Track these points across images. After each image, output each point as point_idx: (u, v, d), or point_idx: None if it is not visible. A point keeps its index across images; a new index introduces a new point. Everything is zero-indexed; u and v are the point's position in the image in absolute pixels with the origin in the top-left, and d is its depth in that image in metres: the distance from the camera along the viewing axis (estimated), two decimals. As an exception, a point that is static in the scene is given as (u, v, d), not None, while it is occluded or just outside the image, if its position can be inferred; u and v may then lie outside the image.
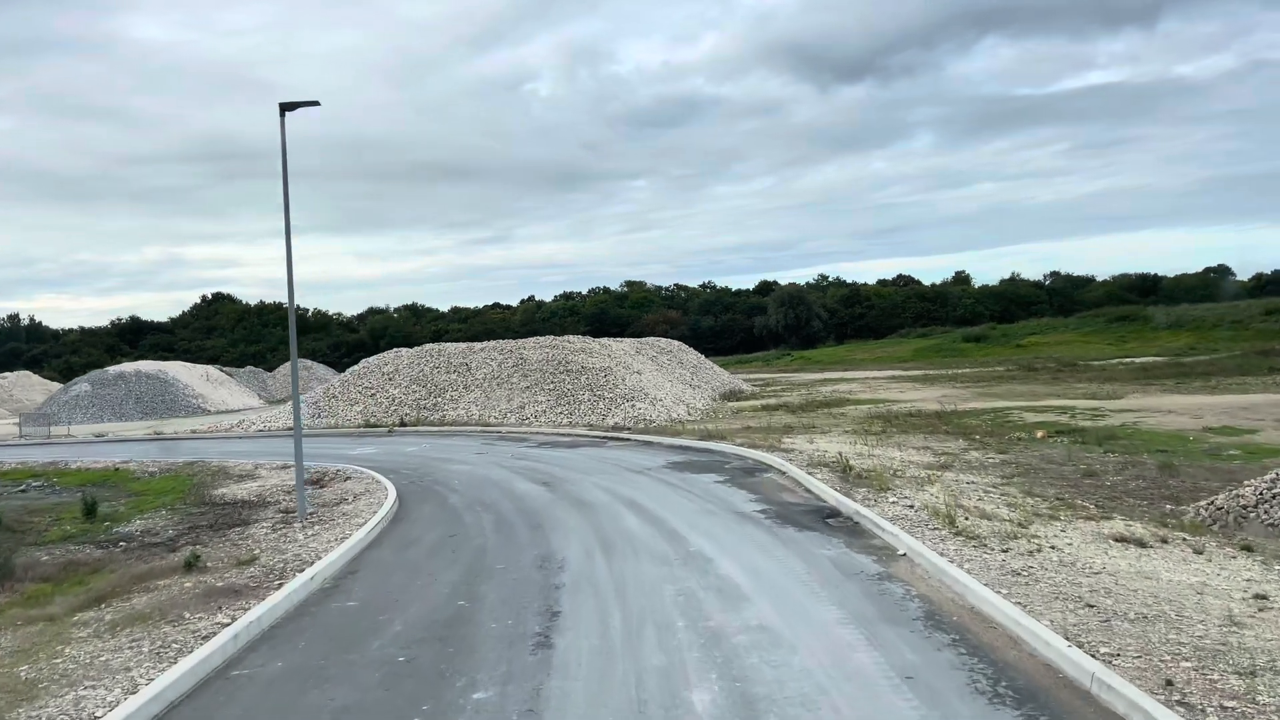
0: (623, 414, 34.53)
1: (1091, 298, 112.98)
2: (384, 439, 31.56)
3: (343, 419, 37.24)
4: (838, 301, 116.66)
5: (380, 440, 31.11)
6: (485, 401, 36.39)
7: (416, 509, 16.91)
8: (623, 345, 47.22)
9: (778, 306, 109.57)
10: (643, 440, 27.77)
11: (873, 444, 24.61)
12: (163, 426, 45.00)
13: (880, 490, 16.22)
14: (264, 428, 37.28)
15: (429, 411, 36.65)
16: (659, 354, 50.15)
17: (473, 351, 39.96)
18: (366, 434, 33.80)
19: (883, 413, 34.47)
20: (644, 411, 34.67)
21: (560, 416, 35.00)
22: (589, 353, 39.38)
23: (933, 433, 27.43)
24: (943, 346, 72.07)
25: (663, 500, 16.81)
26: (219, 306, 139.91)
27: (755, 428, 31.15)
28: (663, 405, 37.39)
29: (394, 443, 29.93)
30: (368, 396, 38.33)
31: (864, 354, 76.20)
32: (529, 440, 29.18)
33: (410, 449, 27.60)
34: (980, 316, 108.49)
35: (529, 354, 38.81)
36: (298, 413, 16.51)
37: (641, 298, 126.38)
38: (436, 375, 38.61)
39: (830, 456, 21.66)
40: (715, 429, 29.99)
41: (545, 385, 36.64)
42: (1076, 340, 66.78)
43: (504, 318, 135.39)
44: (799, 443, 25.48)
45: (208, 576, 11.95)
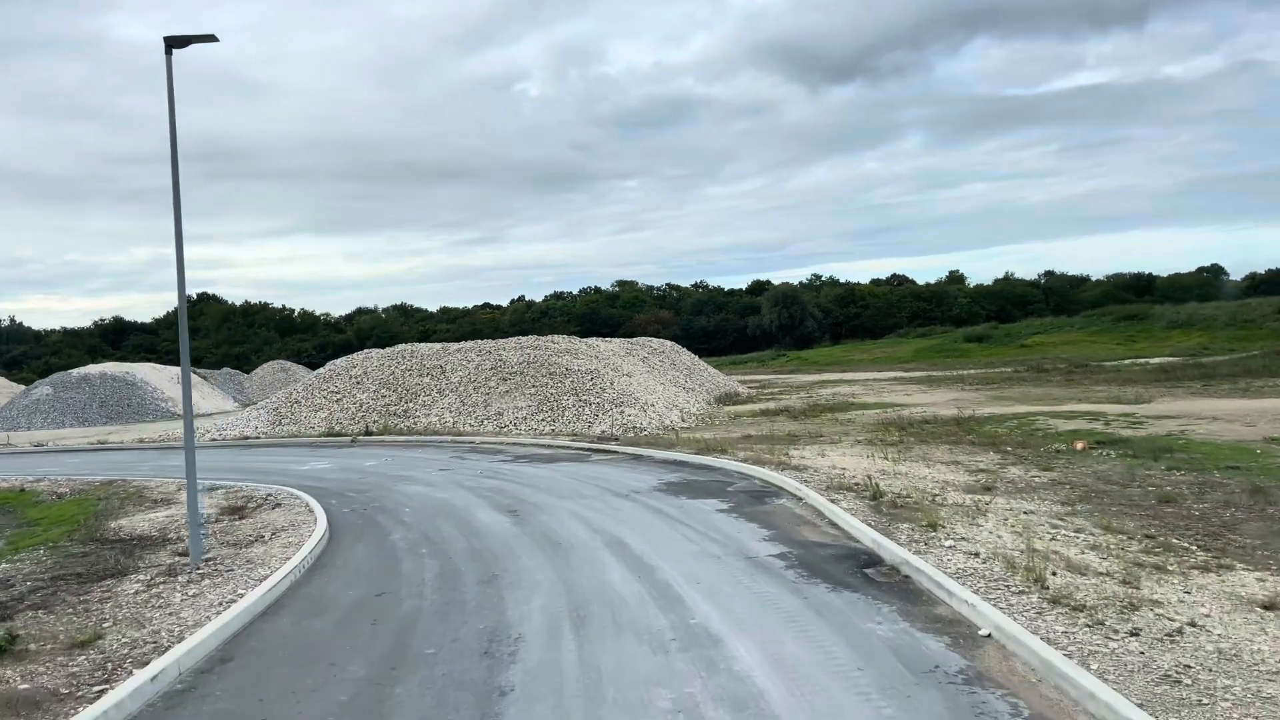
0: (611, 421, 31.07)
1: (1088, 297, 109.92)
2: (344, 450, 28.04)
3: (305, 426, 33.69)
4: (832, 301, 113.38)
5: (339, 452, 27.58)
6: (460, 407, 32.88)
7: (347, 551, 13.41)
8: (611, 346, 43.75)
9: (771, 306, 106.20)
10: (632, 453, 24.29)
11: (893, 457, 21.21)
12: (121, 433, 41.42)
13: (928, 527, 12.76)
14: (218, 436, 33.72)
15: (399, 418, 33.13)
16: (650, 355, 46.68)
17: (447, 353, 36.43)
18: (326, 444, 30.26)
19: (895, 419, 31.09)
20: (634, 418, 31.23)
21: (542, 424, 31.54)
22: (574, 354, 35.91)
23: (957, 443, 24.04)
24: (944, 347, 68.71)
25: (655, 538, 13.35)
26: (203, 307, 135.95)
27: (757, 437, 27.73)
28: (655, 411, 33.93)
29: (353, 455, 26.41)
30: (333, 402, 34.79)
31: (862, 354, 72.83)
32: (504, 453, 25.68)
33: (368, 464, 24.10)
34: (976, 316, 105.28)
35: (508, 355, 35.31)
36: (189, 428, 12.96)
37: (633, 297, 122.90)
38: (408, 379, 35.08)
39: (851, 475, 18.25)
40: (713, 439, 26.55)
41: (525, 389, 33.16)
42: (1083, 340, 63.54)
43: (493, 318, 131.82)
44: (809, 456, 22.07)
45: (20, 667, 8.46)
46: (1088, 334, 65.27)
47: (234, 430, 34.06)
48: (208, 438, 33.67)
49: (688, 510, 15.56)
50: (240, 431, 33.79)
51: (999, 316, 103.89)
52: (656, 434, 29.72)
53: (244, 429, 33.95)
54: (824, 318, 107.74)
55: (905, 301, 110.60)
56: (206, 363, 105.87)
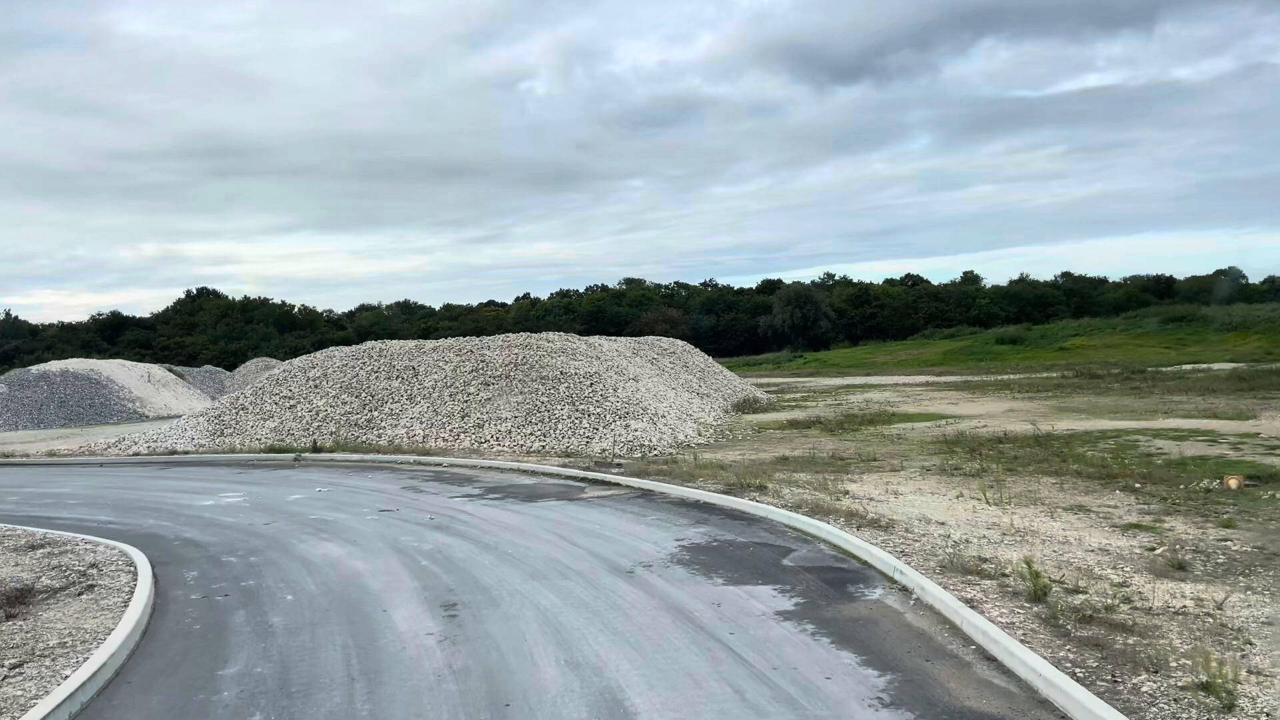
0: (613, 436, 24.88)
1: (1111, 299, 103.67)
2: (278, 474, 21.84)
3: (251, 438, 27.54)
4: (845, 301, 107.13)
5: (270, 476, 21.41)
6: (433, 418, 26.68)
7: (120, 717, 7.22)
8: (615, 345, 37.51)
9: (783, 305, 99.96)
10: (639, 487, 18.04)
11: (991, 498, 15.02)
12: (74, 437, 35.35)
13: (1197, 690, 6.53)
14: (145, 449, 27.55)
15: (361, 430, 26.97)
16: (660, 356, 40.42)
17: (421, 352, 30.22)
18: (263, 464, 24.07)
19: (956, 435, 24.87)
20: (641, 433, 25.03)
21: (530, 438, 25.36)
22: (571, 354, 29.70)
23: (1058, 474, 17.82)
24: (974, 349, 62.39)
25: (682, 690, 7.16)
26: (202, 302, 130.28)
27: (795, 460, 21.53)
28: (665, 423, 27.70)
29: (284, 482, 20.24)
30: (286, 409, 28.61)
31: (885, 356, 66.53)
32: (474, 482, 19.45)
33: (292, 497, 17.91)
34: (995, 317, 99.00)
35: (492, 356, 29.08)
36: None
37: (640, 296, 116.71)
38: (374, 382, 28.89)
39: (959, 534, 12.07)
40: (742, 464, 20.36)
41: (511, 396, 26.95)
42: (1128, 343, 57.24)
43: (498, 315, 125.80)
44: (875, 494, 15.88)
45: None
46: (1132, 336, 58.93)
47: (166, 441, 27.91)
48: (131, 451, 27.50)
49: (729, 612, 9.32)
50: (172, 444, 27.63)
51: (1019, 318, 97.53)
52: (669, 454, 23.50)
53: (177, 440, 27.79)
54: (838, 318, 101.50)
55: (922, 302, 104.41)
56: (202, 359, 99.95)
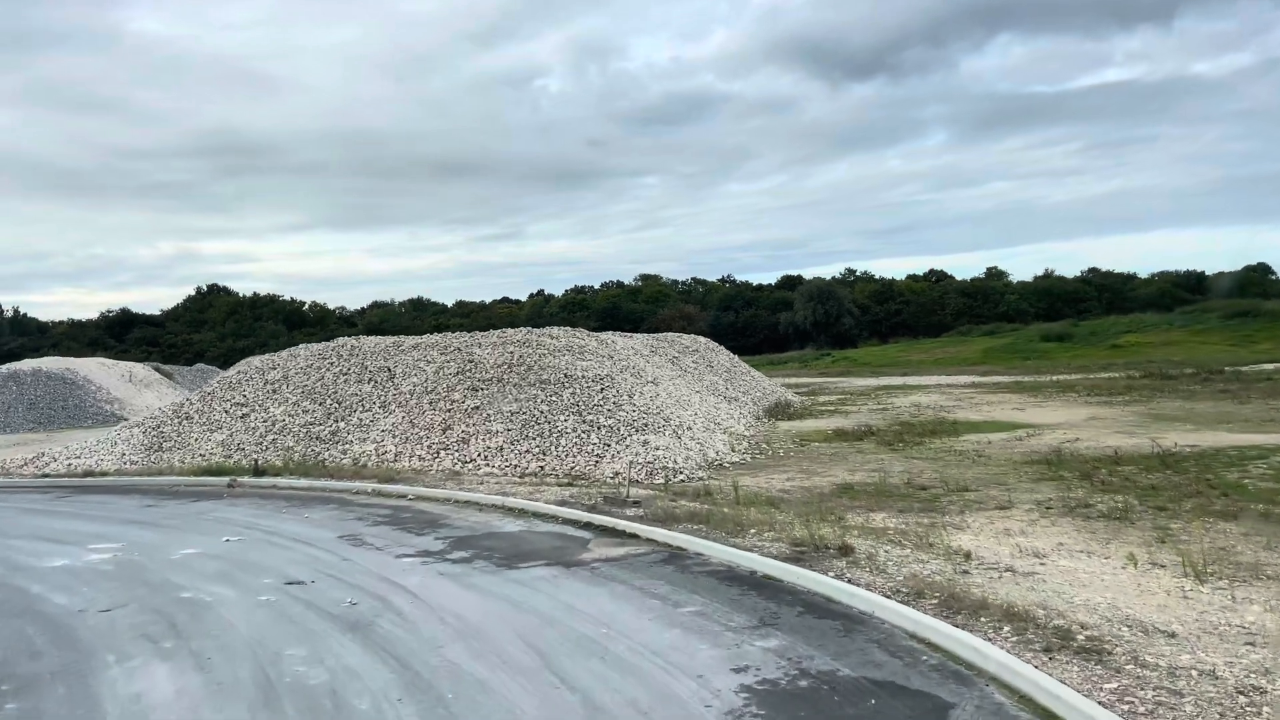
0: (629, 455, 19.51)
1: (1143, 294, 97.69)
2: (196, 508, 16.52)
3: (194, 453, 22.31)
4: (868, 297, 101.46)
5: (184, 512, 16.10)
6: (409, 431, 21.36)
7: None
8: (632, 343, 32.14)
9: (805, 302, 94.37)
10: (665, 543, 12.50)
11: (1189, 563, 9.60)
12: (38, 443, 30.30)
13: None
14: (66, 467, 22.34)
15: (324, 445, 21.70)
16: (681, 355, 35.01)
17: (400, 350, 24.86)
18: (187, 491, 18.77)
19: (1054, 453, 19.43)
20: (664, 452, 19.65)
21: (526, 457, 20.03)
22: (579, 353, 24.32)
23: (1231, 514, 12.39)
24: (1017, 346, 56.75)
25: None
26: (212, 299, 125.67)
27: (861, 487, 16.15)
28: (692, 436, 22.32)
29: (194, 522, 14.96)
30: (237, 418, 23.36)
31: (919, 354, 60.95)
32: (439, 527, 14.07)
33: (185, 552, 12.60)
34: (1024, 314, 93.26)
35: (483, 355, 23.70)
36: None
37: (656, 292, 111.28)
38: (342, 386, 23.59)
39: (1233, 674, 6.62)
40: (797, 498, 14.96)
41: (504, 404, 21.59)
42: (1188, 339, 51.57)
43: (511, 312, 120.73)
44: (1001, 552, 10.42)
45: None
46: (1191, 333, 53.25)
47: (91, 458, 22.70)
48: (44, 470, 22.26)
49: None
50: (96, 461, 22.42)
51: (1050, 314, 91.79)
52: (699, 479, 18.12)
53: (104, 457, 22.58)
54: (861, 315, 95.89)
55: (948, 298, 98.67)
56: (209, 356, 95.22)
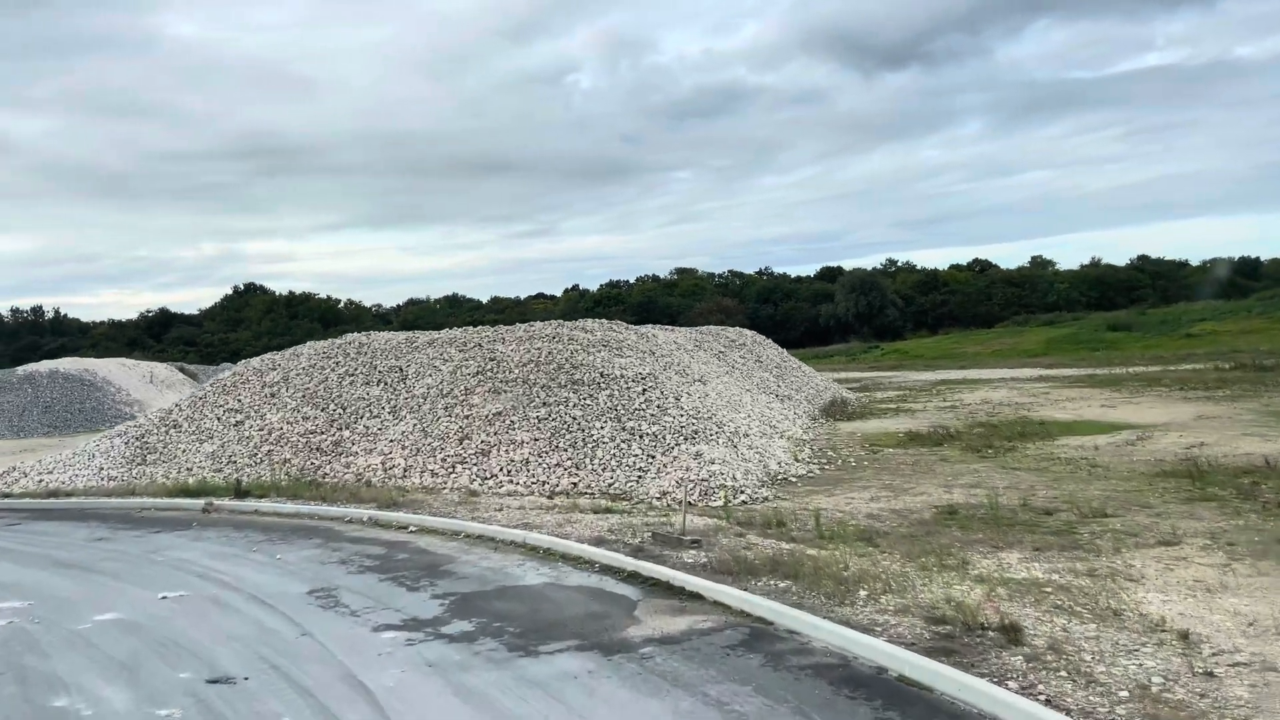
0: (678, 470, 16.12)
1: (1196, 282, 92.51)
2: (154, 542, 13.32)
3: (180, 467, 19.23)
4: (911, 288, 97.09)
5: (136, 548, 12.89)
6: (420, 440, 18.09)
7: None
8: (674, 337, 28.71)
9: (847, 293, 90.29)
10: (741, 611, 8.94)
11: None
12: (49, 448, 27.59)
13: None
14: (37, 483, 19.34)
15: (326, 457, 18.51)
16: (728, 349, 31.52)
17: (413, 347, 21.58)
18: (158, 515, 15.60)
19: (1185, 463, 15.73)
20: (720, 465, 16.19)
21: (556, 473, 16.71)
22: (617, 348, 20.91)
23: None
24: (1081, 337, 52.59)
25: None
26: (249, 298, 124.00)
27: (968, 510, 12.58)
28: (750, 445, 18.85)
29: (140, 566, 11.75)
30: (230, 426, 20.25)
31: (975, 346, 56.94)
32: (439, 577, 10.69)
33: (97, 620, 9.37)
34: (1076, 303, 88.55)
35: (507, 352, 20.36)
36: None
37: (693, 285, 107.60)
38: (347, 389, 20.38)
39: None
40: (897, 530, 11.41)
41: (531, 409, 18.25)
42: (1272, 328, 47.21)
43: (545, 308, 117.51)
44: (1219, 624, 6.79)
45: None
46: (1274, 320, 48.90)
47: (66, 473, 19.69)
48: (19, 487, 19.31)
49: None
50: (70, 477, 19.42)
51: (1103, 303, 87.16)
52: (764, 500, 14.68)
53: (79, 471, 19.57)
54: (905, 306, 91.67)
55: (995, 288, 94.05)
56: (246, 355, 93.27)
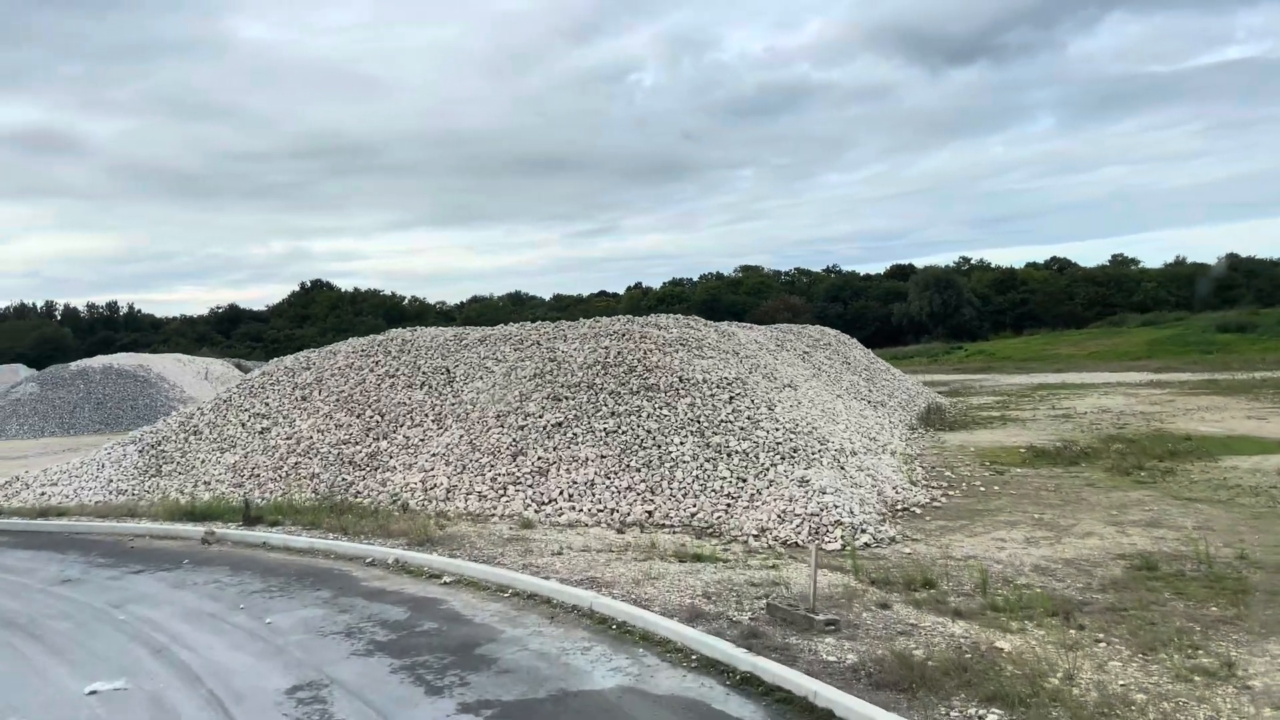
0: (779, 500, 12.86)
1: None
2: (122, 587, 10.43)
3: (196, 480, 16.53)
4: (987, 287, 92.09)
5: (91, 601, 9.97)
6: (467, 456, 15.09)
7: None
8: (754, 335, 25.37)
9: (921, 291, 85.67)
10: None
11: None
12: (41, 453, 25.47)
13: None
14: (38, 496, 16.78)
15: (360, 472, 15.64)
16: (812, 349, 28.05)
17: (462, 345, 18.59)
18: (153, 546, 12.79)
19: None
20: (832, 495, 12.88)
21: (626, 498, 13.59)
22: (697, 347, 17.65)
23: None
24: (1189, 338, 47.86)
25: None
26: (315, 295, 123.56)
27: (1165, 560, 8.99)
28: (859, 466, 15.48)
29: (81, 632, 8.89)
30: (255, 433, 17.49)
31: (1068, 348, 52.49)
32: (482, 662, 7.62)
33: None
34: (1164, 302, 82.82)
35: (569, 352, 17.24)
36: None
37: (758, 283, 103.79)
38: (387, 393, 17.47)
39: None
40: (1105, 608, 7.99)
41: (597, 420, 15.12)
42: None
43: (608, 305, 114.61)
44: None
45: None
46: None
47: (70, 485, 17.10)
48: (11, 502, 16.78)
49: None
50: (72, 489, 16.83)
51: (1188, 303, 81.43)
52: (889, 540, 11.33)
53: (85, 483, 16.96)
54: (983, 305, 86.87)
55: (1077, 286, 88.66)
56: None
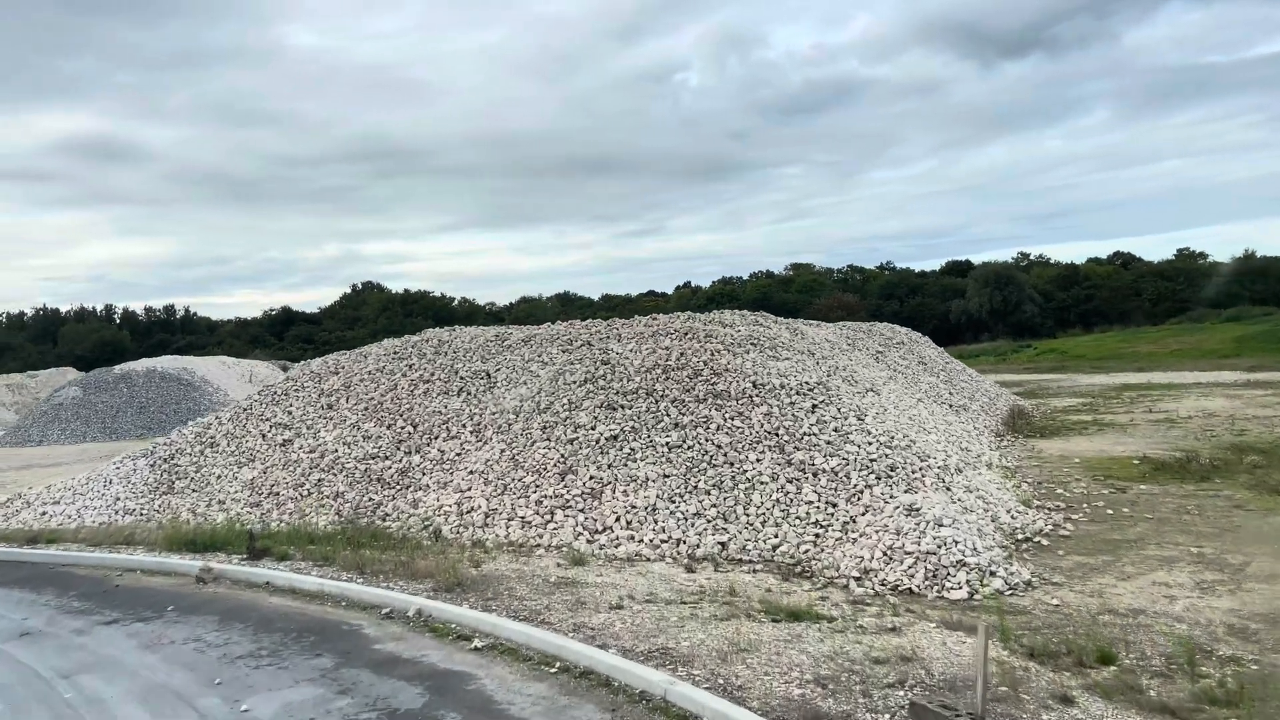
0: (881, 530, 10.51)
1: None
2: (79, 648, 8.36)
3: (213, 497, 14.63)
4: (1049, 283, 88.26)
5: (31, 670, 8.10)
6: (509, 474, 12.95)
7: None
8: (823, 333, 22.96)
9: (980, 288, 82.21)
10: None
11: None
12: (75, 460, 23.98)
13: None
14: (39, 516, 14.98)
15: (389, 490, 13.59)
16: (886, 348, 25.52)
17: (504, 346, 16.46)
18: (136, 588, 10.82)
19: None
20: (949, 526, 10.52)
21: (694, 526, 11.36)
22: (768, 347, 15.30)
23: None
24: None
25: None
26: (366, 296, 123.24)
27: None
28: (965, 485, 13.03)
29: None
30: (275, 446, 15.54)
31: (1147, 345, 49.07)
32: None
33: None
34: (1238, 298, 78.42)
35: (625, 354, 14.99)
36: None
37: (810, 280, 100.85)
38: (421, 400, 15.41)
39: None
40: None
41: (658, 433, 12.88)
42: None
43: (657, 305, 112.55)
44: None
45: None
46: None
47: (70, 503, 15.29)
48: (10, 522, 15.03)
49: None
50: (76, 508, 15.01)
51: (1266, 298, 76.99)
52: (1035, 593, 8.79)
53: (89, 503, 15.14)
54: (1045, 302, 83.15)
55: (1144, 282, 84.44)
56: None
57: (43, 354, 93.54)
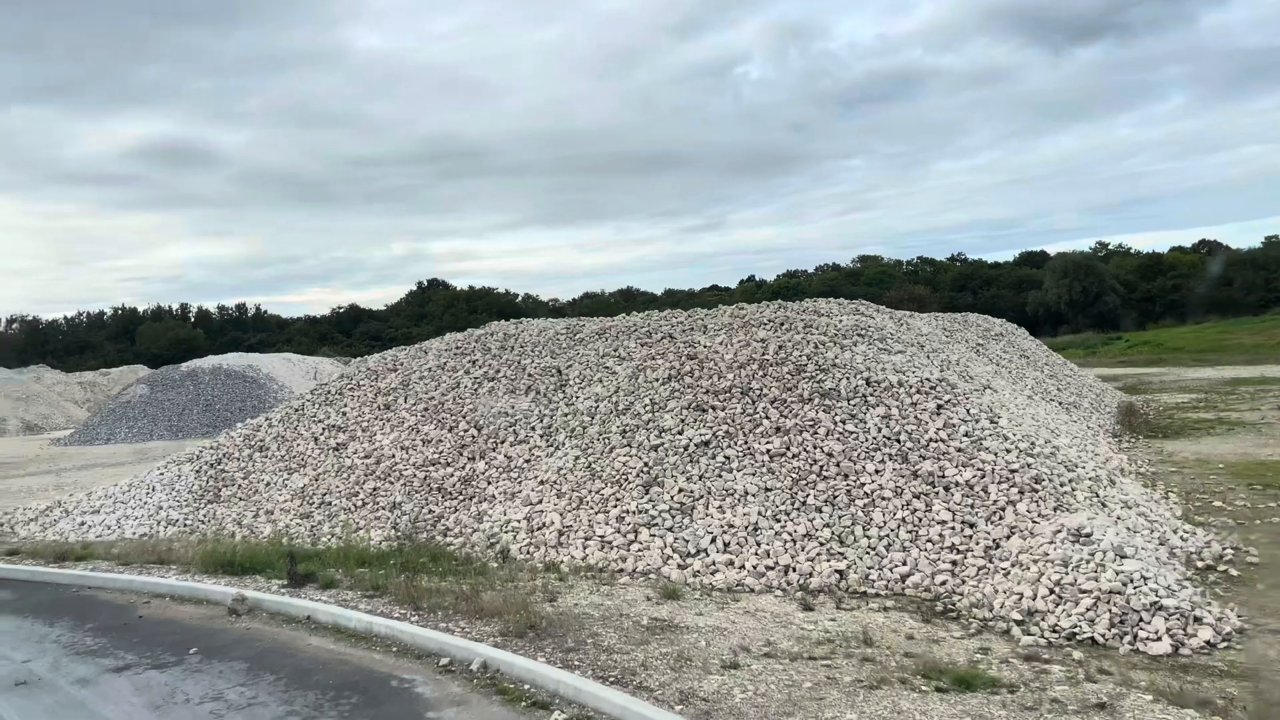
0: (1037, 559, 8.52)
1: None
2: (69, 701, 7.00)
3: (260, 507, 13.22)
4: (1131, 273, 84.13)
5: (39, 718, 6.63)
6: (585, 483, 11.25)
7: None
8: (919, 322, 20.84)
9: (1058, 279, 78.55)
10: None
11: None
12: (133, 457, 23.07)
13: None
14: (77, 526, 13.74)
15: (450, 501, 12.01)
16: (986, 341, 23.26)
17: (576, 340, 14.77)
18: (160, 620, 9.30)
19: None
20: (1131, 560, 8.47)
21: (805, 549, 9.53)
22: (876, 339, 13.33)
23: None
24: (1405, 325, 40.59)
25: None
26: (432, 294, 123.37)
27: None
28: (1122, 500, 10.96)
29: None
30: (329, 450, 14.07)
31: (1253, 336, 45.54)
32: None
33: None
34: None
35: (713, 347, 13.17)
36: None
37: (879, 273, 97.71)
38: (485, 400, 13.79)
39: None
40: None
41: (757, 437, 11.04)
42: None
43: (721, 299, 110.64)
44: None
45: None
46: None
47: (110, 512, 14.02)
48: (48, 534, 13.81)
49: None
50: (115, 518, 13.72)
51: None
52: (1254, 648, 6.76)
53: (128, 511, 13.84)
54: (1128, 292, 79.16)
55: (1234, 270, 79.93)
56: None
57: (121, 352, 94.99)
